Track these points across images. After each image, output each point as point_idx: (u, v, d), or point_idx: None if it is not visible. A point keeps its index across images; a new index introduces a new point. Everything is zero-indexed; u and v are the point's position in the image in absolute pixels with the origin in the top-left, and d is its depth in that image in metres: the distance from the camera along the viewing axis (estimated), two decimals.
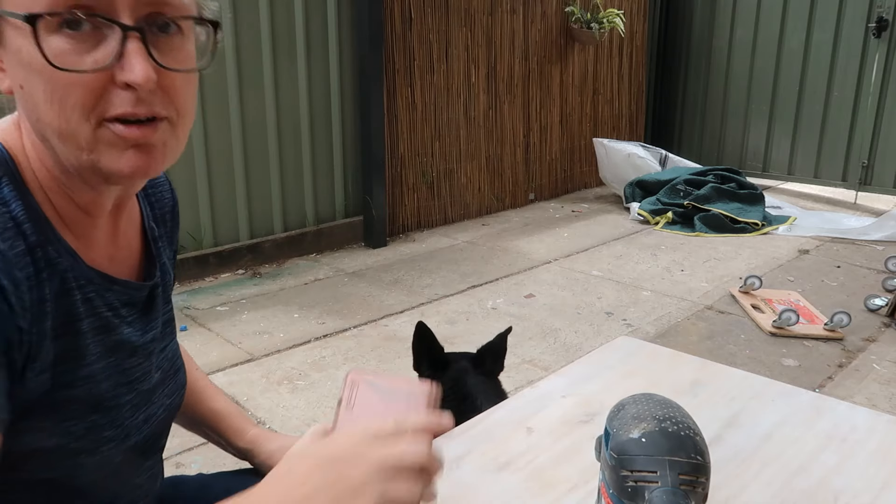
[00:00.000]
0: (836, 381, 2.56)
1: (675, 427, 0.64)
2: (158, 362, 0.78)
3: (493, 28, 4.70)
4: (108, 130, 0.60)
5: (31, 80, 0.59)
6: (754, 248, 4.15)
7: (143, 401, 0.76)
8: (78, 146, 0.60)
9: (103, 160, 0.61)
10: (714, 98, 6.20)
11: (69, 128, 0.59)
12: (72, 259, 0.66)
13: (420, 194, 4.47)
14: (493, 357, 1.54)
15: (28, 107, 0.61)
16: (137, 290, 0.75)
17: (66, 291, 0.65)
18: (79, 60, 0.57)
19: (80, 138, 0.60)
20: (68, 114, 0.59)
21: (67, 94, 0.58)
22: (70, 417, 0.66)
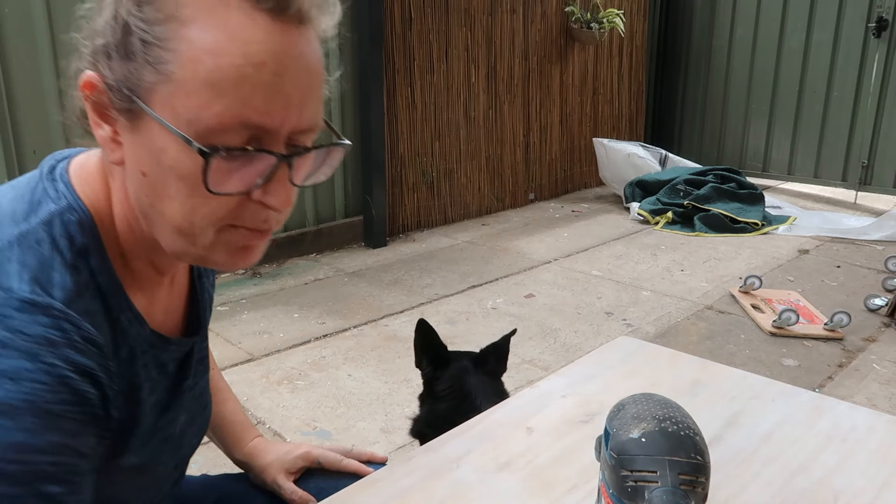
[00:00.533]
0: (836, 381, 2.56)
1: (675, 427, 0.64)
2: (187, 404, 0.78)
3: (493, 28, 4.70)
4: (230, 235, 0.61)
5: (164, 179, 0.58)
6: (754, 247, 4.15)
7: (174, 447, 0.76)
8: (192, 244, 0.61)
9: (212, 257, 0.62)
10: (714, 98, 6.20)
11: (191, 230, 0.60)
12: (139, 326, 0.66)
13: (420, 194, 4.47)
14: (496, 357, 1.54)
15: (145, 192, 0.60)
16: (184, 345, 0.75)
17: (131, 360, 0.65)
18: (229, 184, 0.58)
19: (199, 240, 0.60)
20: (196, 220, 0.59)
21: (205, 207, 0.58)
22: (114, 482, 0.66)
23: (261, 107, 0.56)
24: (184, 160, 0.56)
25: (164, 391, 0.72)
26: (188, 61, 0.54)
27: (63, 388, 0.54)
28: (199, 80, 0.54)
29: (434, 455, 0.89)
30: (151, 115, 0.56)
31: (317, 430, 2.24)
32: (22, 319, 0.54)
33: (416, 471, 0.85)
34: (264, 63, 0.55)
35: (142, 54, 0.55)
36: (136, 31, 0.55)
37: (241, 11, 0.55)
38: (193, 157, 0.56)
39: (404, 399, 2.40)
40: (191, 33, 0.54)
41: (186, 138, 0.55)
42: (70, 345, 0.55)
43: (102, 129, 0.59)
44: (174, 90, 0.55)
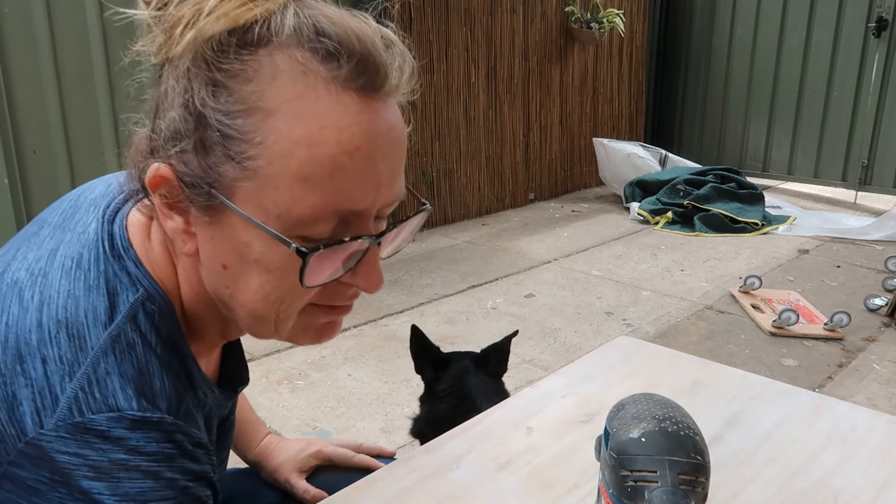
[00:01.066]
0: (836, 381, 2.56)
1: (675, 427, 0.64)
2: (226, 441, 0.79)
3: (493, 28, 4.70)
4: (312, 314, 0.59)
5: (248, 272, 0.55)
6: (754, 247, 4.15)
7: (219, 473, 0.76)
8: (275, 330, 0.59)
9: (298, 337, 0.61)
10: (714, 98, 6.20)
11: (275, 318, 0.58)
12: (213, 395, 0.65)
13: (420, 194, 4.47)
14: (497, 358, 1.54)
15: (225, 284, 0.57)
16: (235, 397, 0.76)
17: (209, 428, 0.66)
18: (322, 275, 0.55)
19: (282, 326, 0.59)
20: (282, 309, 0.57)
21: (291, 296, 0.56)
22: None
23: (355, 193, 0.53)
24: (271, 255, 0.54)
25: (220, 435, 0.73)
26: (278, 155, 0.51)
27: (188, 498, 0.54)
28: (290, 174, 0.51)
29: (434, 455, 0.89)
30: (237, 212, 0.53)
31: (317, 429, 2.24)
32: (138, 439, 0.52)
33: (416, 470, 0.85)
34: (359, 148, 0.52)
35: (222, 148, 0.51)
36: (213, 124, 0.51)
37: (329, 94, 0.51)
38: (283, 252, 0.53)
39: (404, 399, 2.40)
40: (278, 124, 0.50)
41: (283, 239, 0.52)
42: (184, 455, 0.55)
43: (174, 220, 0.56)
44: (261, 185, 0.51)
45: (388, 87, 0.54)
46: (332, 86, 0.51)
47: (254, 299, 0.56)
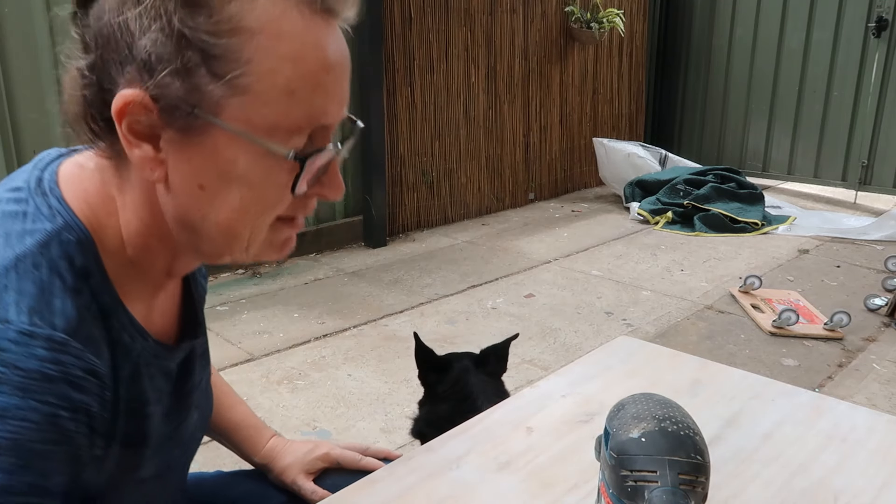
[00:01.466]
0: (835, 381, 2.56)
1: (675, 427, 0.64)
2: (198, 402, 0.78)
3: (493, 28, 4.70)
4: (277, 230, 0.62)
5: (228, 189, 0.57)
6: (754, 247, 4.15)
7: (187, 446, 0.76)
8: (246, 247, 0.61)
9: (263, 252, 0.63)
10: (714, 98, 6.20)
11: (249, 232, 0.60)
12: (142, 340, 0.64)
13: (420, 194, 4.47)
14: (496, 358, 1.55)
15: (199, 205, 0.58)
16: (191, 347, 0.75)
17: (137, 376, 0.64)
18: (303, 183, 0.59)
19: (255, 240, 0.61)
20: (258, 221, 0.60)
21: (271, 207, 0.59)
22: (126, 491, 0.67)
23: (329, 108, 0.58)
24: (257, 169, 0.56)
25: (170, 396, 0.71)
26: (266, 72, 0.54)
27: (51, 427, 0.52)
28: (278, 89, 0.54)
29: (434, 455, 0.89)
30: (226, 128, 0.55)
31: (317, 429, 2.24)
32: (18, 353, 0.51)
33: (416, 470, 0.85)
34: (333, 66, 0.57)
35: (206, 68, 0.53)
36: (196, 44, 0.52)
37: (303, 17, 0.55)
38: (270, 164, 0.56)
39: (404, 399, 2.40)
40: (264, 42, 0.53)
41: (280, 149, 0.56)
42: (67, 380, 0.53)
43: (141, 148, 0.56)
44: (250, 102, 0.54)
45: (343, 12, 0.58)
46: (303, 9, 0.55)
47: (231, 216, 0.58)
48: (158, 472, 0.70)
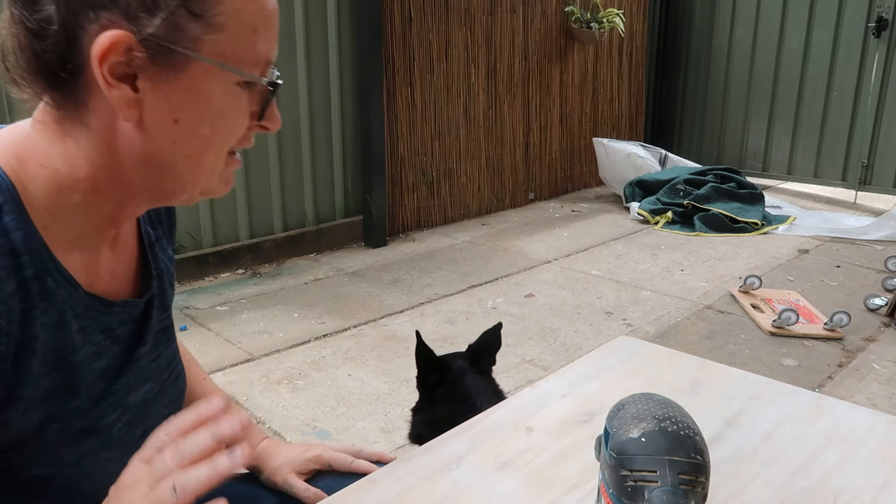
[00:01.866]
0: (835, 381, 2.56)
1: (675, 427, 0.64)
2: (149, 373, 0.78)
3: (493, 28, 4.70)
4: (230, 160, 0.70)
5: (200, 119, 0.63)
6: (754, 247, 4.15)
7: (139, 415, 0.75)
8: (209, 176, 0.68)
9: (217, 186, 0.70)
10: (714, 97, 6.20)
11: (213, 161, 0.67)
12: (70, 288, 0.65)
13: (420, 194, 4.47)
14: (487, 354, 1.54)
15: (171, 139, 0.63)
16: (136, 307, 0.75)
17: (63, 323, 0.64)
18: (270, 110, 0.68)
19: (216, 169, 0.68)
20: (222, 150, 0.67)
21: (233, 136, 0.67)
22: (61, 447, 0.66)
23: (274, 46, 0.66)
24: (230, 99, 0.64)
25: (115, 357, 0.72)
26: (235, 11, 0.61)
27: None
28: (245, 26, 0.62)
29: (434, 455, 0.89)
30: (206, 60, 0.61)
31: (317, 429, 2.24)
32: None
33: (415, 470, 0.85)
34: (274, 9, 0.66)
35: (184, 8, 0.59)
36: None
37: None
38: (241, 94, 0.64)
39: (404, 399, 2.40)
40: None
41: (255, 77, 0.64)
42: None
43: (119, 89, 0.60)
44: (224, 37, 0.61)
45: None
46: None
47: (202, 146, 0.64)
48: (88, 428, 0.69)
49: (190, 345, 2.72)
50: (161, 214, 0.85)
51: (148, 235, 0.80)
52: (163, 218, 0.85)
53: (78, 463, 0.68)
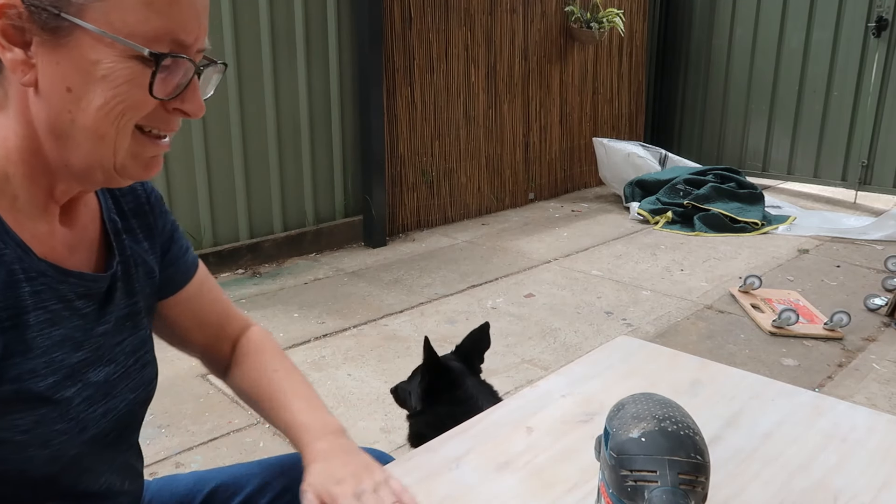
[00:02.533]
0: (835, 381, 2.56)
1: (675, 427, 0.64)
2: (112, 355, 0.78)
3: (493, 28, 4.70)
4: (142, 143, 0.68)
5: (93, 90, 0.63)
6: (754, 247, 4.15)
7: (100, 394, 0.75)
8: (113, 150, 0.66)
9: (130, 166, 0.68)
10: (714, 97, 6.20)
11: (114, 135, 0.65)
12: (21, 251, 0.66)
13: (420, 194, 4.47)
14: (477, 354, 1.55)
15: (67, 108, 0.64)
16: (94, 282, 0.75)
17: (12, 283, 0.65)
18: (162, 89, 0.65)
19: (120, 145, 0.66)
20: (121, 123, 0.65)
21: (131, 110, 0.65)
22: (15, 411, 0.66)
23: (185, 24, 0.64)
24: (120, 69, 0.62)
25: (74, 329, 0.72)
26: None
27: None
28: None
29: (434, 455, 0.89)
30: (90, 28, 0.60)
31: None
32: None
33: (415, 470, 0.85)
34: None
35: None
36: None
37: None
38: (131, 66, 0.62)
39: None
40: None
41: (138, 46, 0.62)
42: None
43: (13, 52, 0.61)
44: (111, 7, 0.61)
45: None
46: None
47: (97, 117, 0.64)
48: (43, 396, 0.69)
49: None
50: (141, 206, 0.85)
51: (113, 223, 0.81)
52: (143, 210, 0.85)
53: (32, 430, 0.68)
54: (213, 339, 0.98)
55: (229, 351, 1.00)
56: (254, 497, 0.97)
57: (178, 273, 0.91)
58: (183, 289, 0.92)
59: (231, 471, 1.01)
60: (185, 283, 0.92)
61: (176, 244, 0.90)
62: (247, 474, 0.99)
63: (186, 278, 0.92)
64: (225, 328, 0.99)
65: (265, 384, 0.95)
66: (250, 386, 0.96)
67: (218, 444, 2.15)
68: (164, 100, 0.66)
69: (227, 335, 1.00)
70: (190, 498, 0.97)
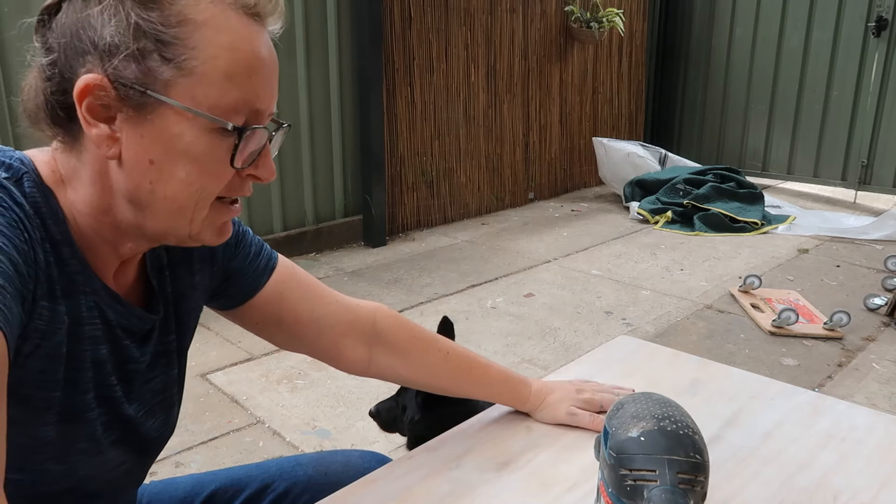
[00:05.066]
0: (835, 381, 2.56)
1: (675, 426, 0.64)
2: (141, 393, 0.78)
3: (493, 27, 4.70)
4: (218, 210, 0.70)
5: (175, 163, 0.65)
6: (754, 247, 4.15)
7: (118, 424, 0.75)
8: (189, 220, 0.68)
9: (204, 233, 0.70)
10: (713, 97, 6.20)
11: (193, 205, 0.67)
12: (81, 266, 0.68)
13: (419, 193, 4.47)
14: None
15: (149, 179, 0.65)
16: (140, 320, 0.75)
17: (73, 292, 0.67)
18: (240, 160, 0.67)
19: (198, 216, 0.68)
20: (200, 194, 0.67)
21: (212, 182, 0.67)
22: (49, 420, 0.67)
23: (262, 93, 0.67)
24: (201, 143, 0.64)
25: (109, 353, 0.72)
26: (209, 57, 0.63)
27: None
28: (219, 72, 0.63)
29: (434, 454, 0.89)
30: (174, 104, 0.63)
31: (316, 429, 2.24)
32: None
33: (416, 469, 0.85)
34: (265, 59, 0.67)
35: (158, 53, 0.62)
36: (150, 33, 0.62)
37: (238, 16, 0.65)
38: (212, 140, 0.65)
39: None
40: (206, 33, 0.63)
41: (222, 121, 0.64)
42: None
43: (98, 128, 0.63)
44: (195, 82, 0.63)
45: (269, 19, 0.68)
46: (238, 10, 0.65)
47: (177, 188, 0.66)
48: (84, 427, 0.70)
49: None
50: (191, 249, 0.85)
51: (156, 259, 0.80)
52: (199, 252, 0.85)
53: (55, 442, 0.69)
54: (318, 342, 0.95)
55: (361, 347, 0.97)
56: (253, 500, 0.97)
57: (248, 283, 0.89)
58: (253, 297, 0.90)
59: (230, 473, 1.01)
60: (254, 292, 0.89)
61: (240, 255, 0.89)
62: (246, 477, 0.99)
63: (257, 287, 0.89)
64: (332, 328, 0.95)
65: (448, 371, 1.01)
66: (430, 377, 1.01)
67: (218, 443, 2.15)
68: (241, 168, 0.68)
69: (343, 334, 0.96)
70: (188, 501, 0.97)
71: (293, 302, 0.92)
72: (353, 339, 0.96)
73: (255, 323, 0.92)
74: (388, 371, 0.98)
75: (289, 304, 0.92)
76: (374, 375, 0.99)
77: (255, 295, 0.89)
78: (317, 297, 0.94)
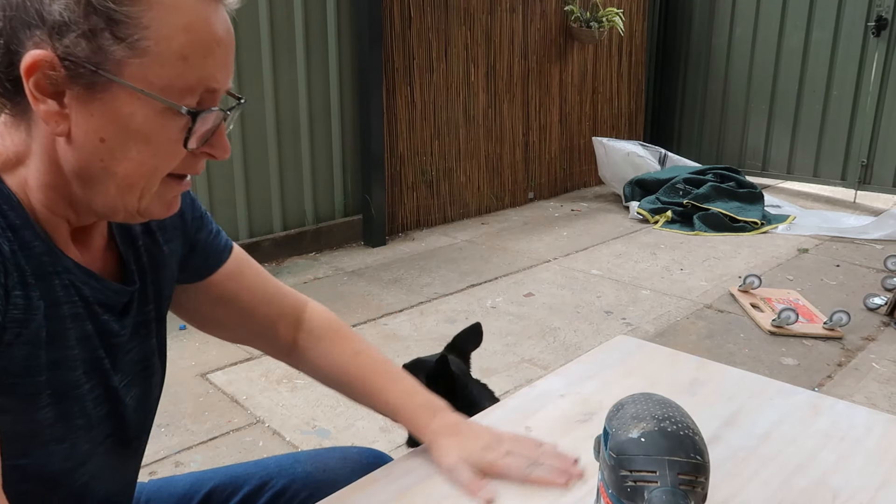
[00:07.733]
0: (835, 380, 2.56)
1: (675, 426, 0.64)
2: (122, 364, 0.78)
3: (493, 27, 4.70)
4: (167, 186, 0.70)
5: (126, 142, 0.64)
6: (753, 247, 4.15)
7: (107, 396, 0.76)
8: (139, 196, 0.68)
9: (153, 207, 0.70)
10: (713, 97, 6.20)
11: (144, 183, 0.67)
12: (46, 247, 0.67)
13: (419, 193, 4.47)
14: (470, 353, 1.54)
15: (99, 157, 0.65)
16: (116, 293, 0.75)
17: (44, 275, 0.67)
18: (194, 140, 0.67)
19: (147, 191, 0.68)
20: (152, 173, 0.67)
21: (165, 161, 0.67)
22: (43, 405, 0.68)
23: (216, 74, 0.66)
24: (153, 124, 0.64)
25: (93, 328, 0.73)
26: (163, 38, 0.62)
27: None
28: (173, 53, 0.62)
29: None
30: (126, 85, 0.62)
31: (316, 428, 2.24)
32: None
33: (415, 470, 0.85)
34: (222, 39, 0.66)
35: (110, 32, 0.60)
36: (101, 10, 0.60)
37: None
38: (164, 121, 0.64)
39: None
40: (160, 13, 0.61)
41: (175, 104, 0.63)
42: None
43: (46, 104, 0.62)
44: (149, 62, 0.62)
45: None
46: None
47: (129, 168, 0.65)
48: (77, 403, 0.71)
49: (189, 343, 2.72)
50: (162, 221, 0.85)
51: (128, 230, 0.80)
52: (164, 225, 0.85)
53: (55, 424, 0.69)
54: (264, 321, 0.97)
55: (289, 331, 1.00)
56: (252, 497, 0.97)
57: (211, 257, 0.91)
58: (217, 271, 0.91)
59: (228, 471, 1.01)
60: (217, 265, 0.91)
61: (205, 228, 0.90)
62: (244, 474, 0.99)
63: (220, 260, 0.91)
64: (276, 309, 0.98)
65: (353, 368, 0.99)
66: (333, 369, 0.99)
67: (217, 443, 2.15)
68: (198, 149, 0.68)
69: (281, 315, 0.99)
70: (188, 499, 0.97)
71: (251, 278, 0.95)
72: (287, 321, 0.99)
73: (212, 299, 0.92)
74: (302, 358, 1.00)
75: (247, 280, 0.95)
76: (293, 363, 1.01)
77: (217, 269, 0.91)
78: (267, 278, 0.98)
